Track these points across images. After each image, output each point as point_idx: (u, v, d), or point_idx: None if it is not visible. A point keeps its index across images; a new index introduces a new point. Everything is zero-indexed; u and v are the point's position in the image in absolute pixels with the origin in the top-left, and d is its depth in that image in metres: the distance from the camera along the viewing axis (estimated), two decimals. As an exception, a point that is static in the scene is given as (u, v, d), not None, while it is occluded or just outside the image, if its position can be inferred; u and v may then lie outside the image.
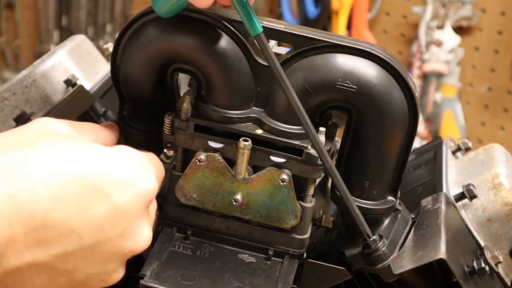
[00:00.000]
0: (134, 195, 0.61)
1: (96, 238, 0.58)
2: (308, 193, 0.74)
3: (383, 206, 0.76)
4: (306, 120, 0.67)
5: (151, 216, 0.65)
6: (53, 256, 0.57)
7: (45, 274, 0.57)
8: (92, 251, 0.59)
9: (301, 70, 0.70)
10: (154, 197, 0.64)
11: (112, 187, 0.59)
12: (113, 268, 0.62)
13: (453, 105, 2.35)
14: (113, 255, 0.61)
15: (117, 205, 0.59)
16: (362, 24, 2.40)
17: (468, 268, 0.77)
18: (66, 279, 0.59)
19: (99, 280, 0.62)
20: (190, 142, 0.73)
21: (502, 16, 2.32)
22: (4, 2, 2.59)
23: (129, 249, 0.61)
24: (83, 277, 0.60)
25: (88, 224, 0.58)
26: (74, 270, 0.59)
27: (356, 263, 0.76)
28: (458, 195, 0.84)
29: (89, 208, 0.58)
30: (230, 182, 0.72)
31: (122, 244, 0.61)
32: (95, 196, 0.58)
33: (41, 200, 0.55)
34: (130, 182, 0.61)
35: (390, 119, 0.71)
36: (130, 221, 0.61)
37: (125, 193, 0.60)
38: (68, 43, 0.92)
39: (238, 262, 0.74)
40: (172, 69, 0.73)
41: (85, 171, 0.58)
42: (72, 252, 0.57)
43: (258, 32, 0.65)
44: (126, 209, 0.60)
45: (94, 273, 0.60)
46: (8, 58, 2.67)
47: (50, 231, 0.56)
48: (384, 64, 0.70)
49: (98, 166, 0.59)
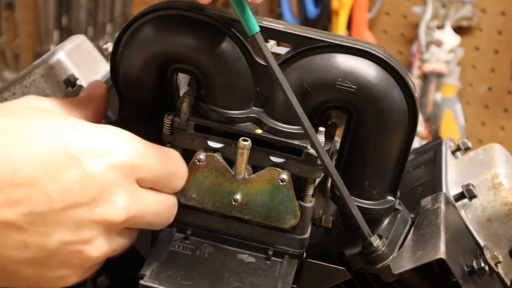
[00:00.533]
0: (108, 164, 0.60)
1: (66, 201, 0.58)
2: (308, 193, 0.74)
3: (383, 206, 0.76)
4: (304, 119, 0.67)
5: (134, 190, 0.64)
6: (21, 215, 0.57)
7: (15, 235, 0.57)
8: (62, 215, 0.59)
9: (301, 70, 0.70)
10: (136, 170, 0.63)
11: (85, 154, 0.60)
12: (87, 237, 0.61)
13: (453, 105, 2.35)
14: (86, 222, 0.60)
15: (89, 171, 0.59)
16: (362, 24, 2.40)
17: (468, 268, 0.77)
18: (38, 242, 0.59)
19: (74, 250, 0.61)
20: (190, 142, 0.73)
21: (502, 16, 2.32)
22: (4, 2, 2.59)
23: (101, 217, 0.61)
24: (56, 243, 0.59)
25: (57, 186, 0.58)
26: (46, 233, 0.59)
27: (355, 263, 0.76)
28: (457, 195, 0.84)
29: (59, 171, 0.58)
30: (229, 182, 0.72)
31: (93, 210, 0.60)
32: (66, 160, 0.58)
33: (9, 158, 0.56)
34: (105, 151, 0.61)
35: (389, 119, 0.71)
36: (102, 188, 0.60)
37: (98, 161, 0.60)
38: (68, 43, 0.92)
39: (238, 262, 0.74)
40: (171, 69, 0.73)
41: (59, 137, 0.59)
42: (41, 213, 0.58)
43: (254, 31, 0.65)
44: (97, 176, 0.60)
45: (67, 240, 0.60)
46: (8, 58, 2.67)
47: (18, 189, 0.56)
48: (384, 64, 0.70)
49: (75, 135, 0.60)
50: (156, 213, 0.67)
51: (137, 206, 0.64)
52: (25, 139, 0.58)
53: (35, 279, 0.62)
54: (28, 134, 0.59)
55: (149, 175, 0.65)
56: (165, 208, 0.69)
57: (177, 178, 0.70)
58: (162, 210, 0.68)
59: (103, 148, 0.61)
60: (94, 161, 0.60)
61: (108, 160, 0.61)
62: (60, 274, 0.62)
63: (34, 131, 0.59)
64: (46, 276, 0.62)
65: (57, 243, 0.60)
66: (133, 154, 0.63)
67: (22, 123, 0.60)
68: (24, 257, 0.59)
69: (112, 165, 0.61)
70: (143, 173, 0.64)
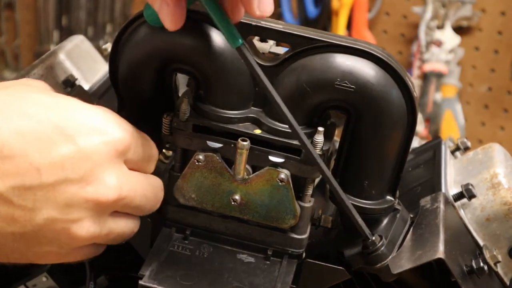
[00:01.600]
0: (101, 142, 0.60)
1: (56, 176, 0.58)
2: (307, 193, 0.74)
3: (382, 206, 0.76)
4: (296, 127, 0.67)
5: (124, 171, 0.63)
6: (10, 187, 0.57)
7: (3, 207, 0.57)
8: (52, 190, 0.58)
9: (300, 70, 0.70)
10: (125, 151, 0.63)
11: (77, 131, 0.59)
12: (76, 216, 0.60)
13: (453, 105, 2.35)
14: (75, 199, 0.60)
15: (81, 147, 0.59)
16: (362, 24, 2.40)
17: (467, 267, 0.77)
18: (25, 217, 0.58)
19: (61, 228, 0.60)
20: (189, 142, 0.73)
21: (502, 16, 2.32)
22: (4, 2, 2.59)
23: (92, 195, 0.60)
24: (44, 219, 0.59)
25: (48, 160, 0.57)
26: (34, 208, 0.58)
27: (355, 263, 0.76)
28: (457, 195, 0.84)
29: (51, 146, 0.58)
30: (228, 182, 0.72)
31: (84, 188, 0.60)
32: (58, 134, 0.58)
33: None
34: (98, 129, 0.61)
35: (388, 118, 0.71)
36: (93, 166, 0.60)
37: (91, 138, 0.60)
38: (67, 44, 0.92)
39: (237, 262, 0.74)
40: (170, 69, 0.73)
41: (52, 112, 0.59)
42: (30, 187, 0.57)
43: (237, 45, 0.65)
44: (90, 153, 0.59)
45: (55, 217, 0.59)
46: (8, 58, 2.67)
47: (8, 161, 0.56)
48: (383, 64, 0.70)
49: (68, 112, 0.60)
50: (145, 195, 0.67)
51: (128, 186, 0.63)
52: (17, 112, 0.58)
53: (21, 252, 0.61)
54: (20, 109, 0.58)
55: (136, 156, 0.65)
56: (153, 190, 0.68)
57: (154, 159, 0.70)
58: (151, 192, 0.68)
59: (96, 126, 0.61)
60: (87, 138, 0.60)
61: (101, 138, 0.61)
62: (47, 250, 0.61)
63: (26, 106, 0.59)
64: (33, 251, 0.61)
65: (45, 220, 0.59)
66: (126, 135, 0.63)
67: (14, 97, 0.60)
68: (11, 231, 0.58)
69: (106, 143, 0.61)
70: (131, 154, 0.64)
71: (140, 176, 0.66)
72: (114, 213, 0.65)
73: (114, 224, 0.65)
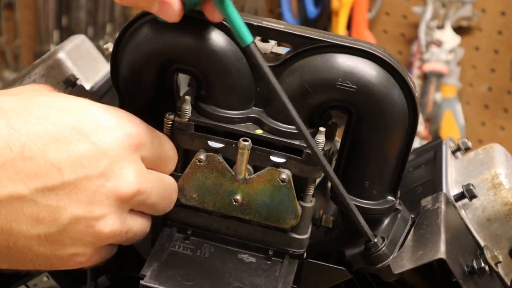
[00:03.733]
0: (115, 138, 0.62)
1: (77, 174, 0.59)
2: (308, 193, 0.74)
3: (383, 206, 0.76)
4: (302, 128, 0.67)
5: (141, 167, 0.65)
6: (34, 189, 0.58)
7: (28, 209, 0.58)
8: (74, 188, 0.59)
9: (301, 70, 0.70)
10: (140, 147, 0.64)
11: (92, 128, 0.61)
12: (99, 213, 0.61)
13: (453, 105, 2.35)
14: (97, 196, 0.61)
15: (97, 144, 0.61)
16: (362, 24, 2.40)
17: (468, 268, 0.77)
18: (50, 217, 0.59)
19: (86, 225, 0.61)
20: (190, 142, 0.73)
21: (502, 16, 2.32)
22: (4, 2, 2.59)
23: (113, 190, 0.61)
24: (69, 217, 0.60)
25: (67, 159, 0.59)
26: (58, 208, 0.59)
27: (356, 263, 0.76)
28: (457, 195, 0.84)
29: (68, 144, 0.59)
30: (230, 182, 0.72)
31: (104, 184, 0.61)
32: (74, 134, 0.60)
33: (17, 133, 0.57)
34: (111, 126, 0.62)
35: (390, 119, 0.71)
36: (111, 161, 0.61)
37: (105, 135, 0.61)
38: (68, 43, 0.92)
39: (238, 262, 0.74)
40: (171, 69, 0.73)
41: (66, 113, 0.60)
42: (53, 187, 0.58)
43: (248, 42, 0.66)
44: (106, 150, 0.61)
45: (79, 215, 0.60)
46: (8, 58, 2.67)
47: (29, 163, 0.57)
48: (384, 64, 0.70)
49: (82, 111, 0.62)
50: (160, 193, 0.68)
51: (145, 182, 0.64)
52: (33, 116, 0.59)
53: (46, 257, 0.62)
54: (36, 112, 0.60)
55: (151, 154, 0.66)
56: (167, 190, 0.69)
57: (171, 160, 0.71)
58: (165, 191, 0.69)
59: (109, 124, 0.62)
60: (101, 135, 0.61)
61: (116, 134, 0.62)
62: (71, 252, 0.62)
63: (42, 109, 0.60)
64: (58, 254, 0.62)
65: (70, 218, 0.60)
66: (140, 130, 0.65)
67: (29, 102, 0.61)
68: (37, 233, 0.59)
69: (120, 138, 0.62)
70: (146, 151, 0.65)
71: (157, 174, 0.68)
72: (131, 211, 0.66)
73: (132, 222, 0.66)
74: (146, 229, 0.69)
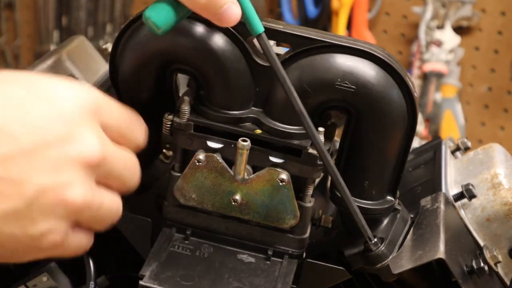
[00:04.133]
0: (71, 102, 0.59)
1: (34, 141, 0.56)
2: (307, 193, 0.74)
3: (382, 206, 0.76)
4: (307, 120, 0.67)
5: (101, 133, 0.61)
6: None
7: None
8: (35, 156, 0.56)
9: (300, 70, 0.70)
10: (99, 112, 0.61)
11: (47, 94, 0.58)
12: (66, 179, 0.58)
13: (453, 105, 2.35)
14: (60, 161, 0.57)
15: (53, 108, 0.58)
16: (362, 24, 2.40)
17: (467, 267, 0.77)
18: (15, 189, 0.56)
19: (54, 194, 0.57)
20: (189, 142, 0.73)
21: (502, 16, 2.32)
22: (4, 2, 2.59)
23: (76, 154, 0.58)
24: (35, 188, 0.56)
25: (22, 125, 0.56)
26: (22, 179, 0.56)
27: (355, 263, 0.76)
28: (457, 195, 0.84)
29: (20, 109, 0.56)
30: (229, 182, 0.72)
31: (66, 149, 0.58)
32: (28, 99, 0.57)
33: None
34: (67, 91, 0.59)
35: (389, 119, 0.71)
36: (70, 125, 0.58)
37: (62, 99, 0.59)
38: (68, 44, 0.92)
39: (238, 262, 0.74)
40: (170, 69, 0.73)
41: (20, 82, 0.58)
42: (10, 157, 0.55)
43: (259, 32, 0.65)
44: (63, 113, 0.58)
45: (45, 184, 0.57)
46: (8, 58, 2.67)
47: None
48: (383, 64, 0.70)
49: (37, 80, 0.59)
50: (126, 165, 0.64)
51: (109, 148, 0.61)
52: None
53: (16, 238, 0.58)
54: None
55: (112, 122, 0.63)
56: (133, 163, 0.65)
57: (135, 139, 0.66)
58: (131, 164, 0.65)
59: (65, 89, 0.60)
60: (58, 100, 0.58)
61: (73, 99, 0.59)
62: (43, 228, 0.58)
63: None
64: (29, 233, 0.58)
65: (35, 189, 0.57)
66: (99, 97, 0.62)
67: None
68: (2, 209, 0.56)
69: (77, 103, 0.59)
70: (107, 118, 0.62)
71: (119, 147, 0.64)
72: (100, 185, 0.62)
73: (103, 197, 0.62)
74: (118, 208, 0.64)
